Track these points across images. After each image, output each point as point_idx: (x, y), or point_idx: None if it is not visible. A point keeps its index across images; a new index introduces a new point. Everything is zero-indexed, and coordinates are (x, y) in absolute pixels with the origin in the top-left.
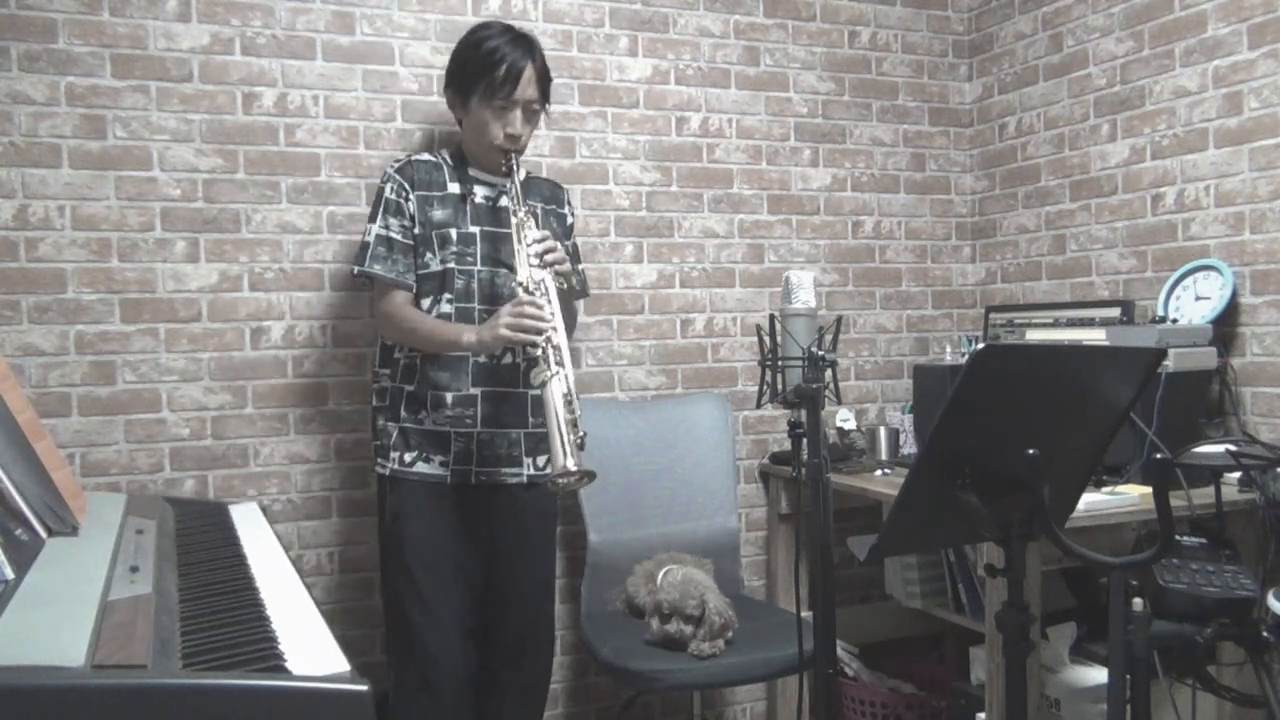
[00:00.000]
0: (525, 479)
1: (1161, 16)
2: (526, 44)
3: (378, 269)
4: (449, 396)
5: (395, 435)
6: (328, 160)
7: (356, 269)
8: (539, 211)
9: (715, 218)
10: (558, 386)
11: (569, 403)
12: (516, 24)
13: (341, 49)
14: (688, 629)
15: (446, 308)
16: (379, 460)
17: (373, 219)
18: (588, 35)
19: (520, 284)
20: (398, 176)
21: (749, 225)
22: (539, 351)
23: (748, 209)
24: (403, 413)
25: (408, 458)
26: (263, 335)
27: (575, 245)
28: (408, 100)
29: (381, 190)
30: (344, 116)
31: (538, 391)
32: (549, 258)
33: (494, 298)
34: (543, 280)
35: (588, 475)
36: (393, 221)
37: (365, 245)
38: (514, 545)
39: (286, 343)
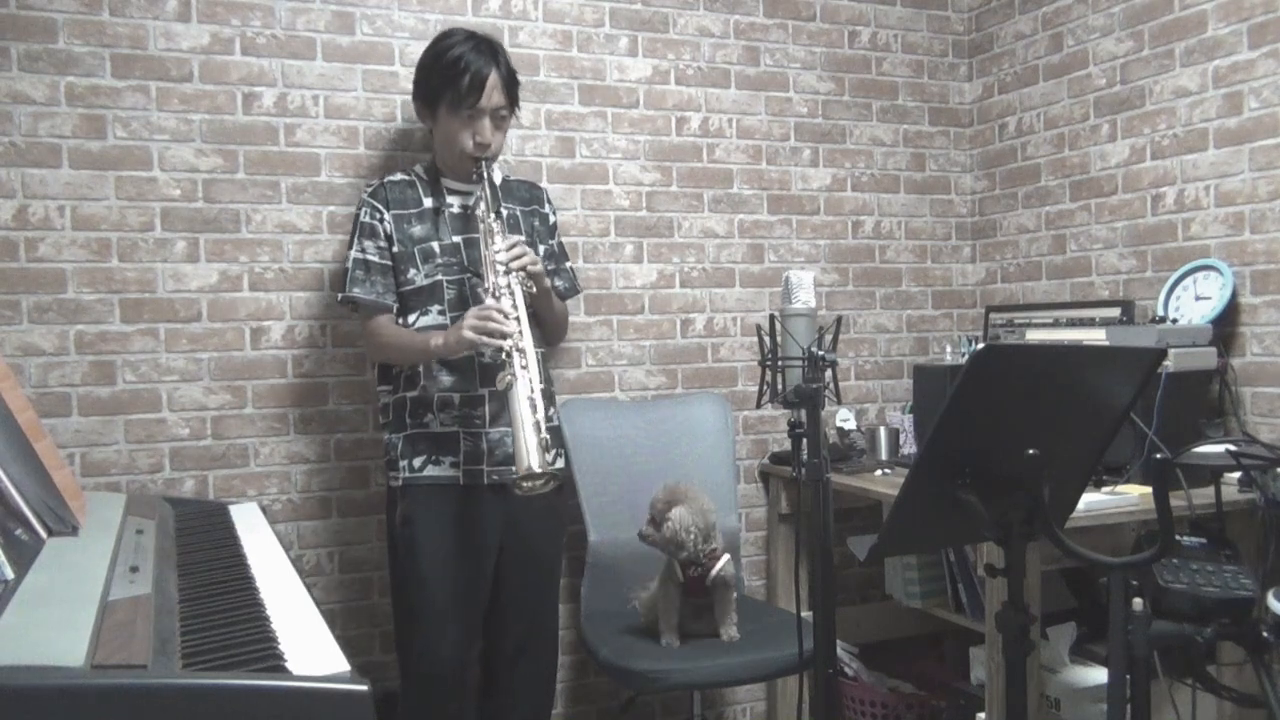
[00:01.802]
0: None
1: (1161, 16)
2: (490, 50)
3: (358, 292)
4: (456, 397)
5: (401, 445)
6: (328, 160)
7: (340, 295)
8: (519, 214)
9: (715, 218)
10: (522, 389)
11: (533, 405)
12: (515, 24)
13: (341, 49)
14: (648, 530)
15: (439, 319)
16: (390, 475)
17: (351, 244)
18: (588, 35)
19: (486, 290)
20: (371, 200)
21: (749, 225)
22: (503, 355)
23: (748, 209)
24: (407, 420)
25: (417, 463)
26: (263, 335)
27: (561, 244)
28: (408, 100)
29: (357, 216)
30: (344, 116)
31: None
32: (515, 264)
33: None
34: (508, 284)
35: (553, 477)
36: (368, 244)
37: (346, 271)
38: (522, 544)
39: (286, 343)
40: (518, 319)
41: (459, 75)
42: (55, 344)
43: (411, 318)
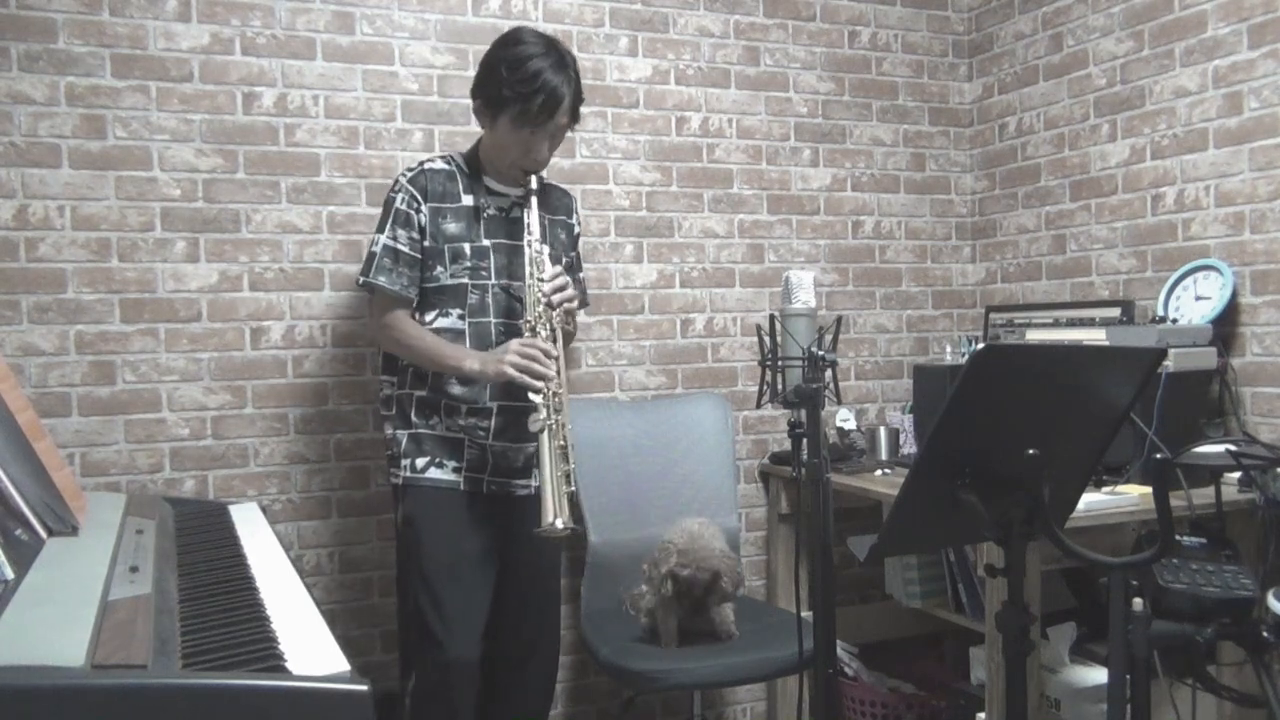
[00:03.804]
0: (534, 490)
1: (1161, 16)
2: (565, 68)
3: (381, 280)
4: (464, 407)
5: (405, 442)
6: (328, 160)
7: (361, 279)
8: (547, 222)
9: (715, 218)
10: (555, 437)
11: (564, 455)
12: (515, 24)
13: (341, 49)
14: (696, 594)
15: (458, 323)
16: (392, 471)
17: (381, 229)
18: (588, 35)
19: (528, 322)
20: (410, 187)
21: (749, 225)
22: (539, 398)
23: (748, 209)
24: (413, 418)
25: (419, 463)
26: (263, 335)
27: (579, 255)
28: (408, 100)
29: (391, 200)
30: (344, 116)
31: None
32: (558, 298)
33: (509, 311)
34: (548, 319)
35: (570, 531)
36: (401, 233)
37: (371, 255)
38: (523, 557)
39: (286, 343)
40: (557, 358)
41: (533, 94)
42: (55, 344)
43: (429, 316)
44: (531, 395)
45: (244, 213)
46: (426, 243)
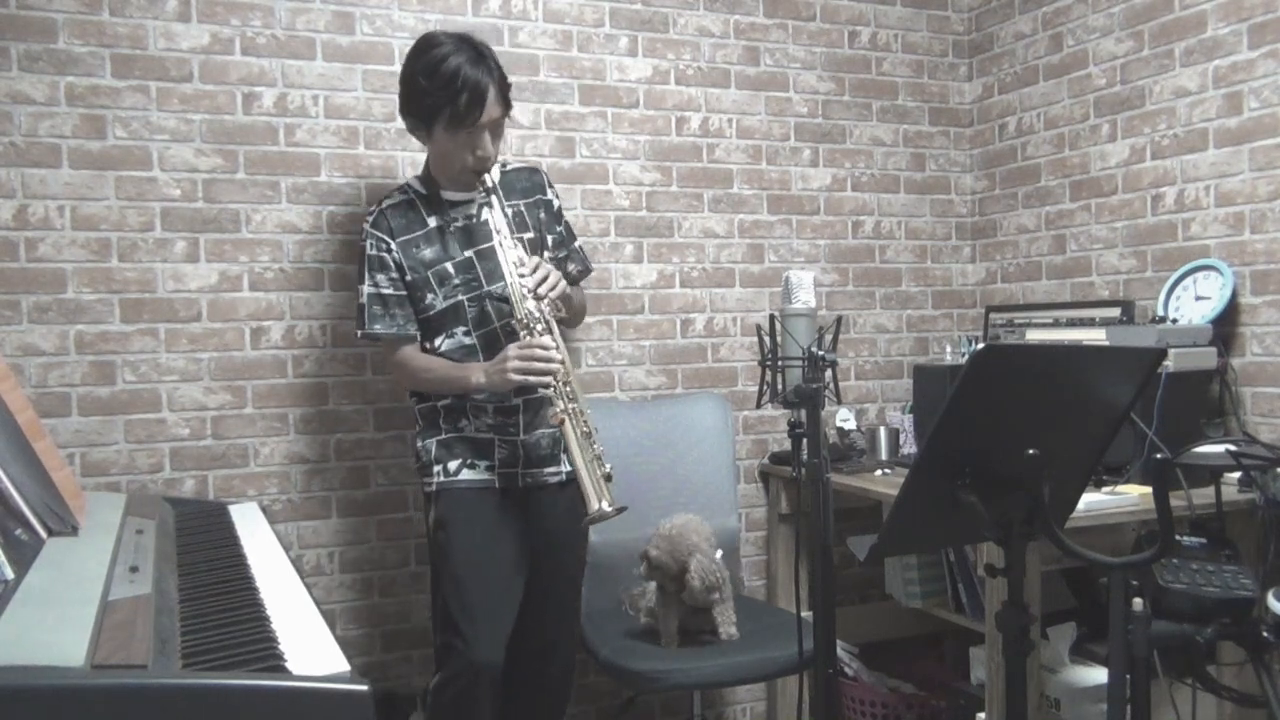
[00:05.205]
0: (564, 476)
1: (1161, 16)
2: (483, 60)
3: (379, 328)
4: (490, 406)
5: (436, 449)
6: (328, 160)
7: (359, 332)
8: (523, 208)
9: (715, 218)
10: (576, 425)
11: (589, 438)
12: (515, 24)
13: (341, 49)
14: (670, 587)
15: (465, 339)
16: (424, 481)
17: (361, 279)
18: (588, 35)
19: (520, 320)
20: (375, 231)
21: (749, 225)
22: (550, 391)
23: (748, 209)
24: (441, 424)
25: (452, 466)
26: (263, 335)
27: (567, 224)
28: None
29: (364, 248)
30: (344, 116)
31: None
32: (543, 289)
33: (510, 313)
34: (540, 311)
35: (620, 511)
36: (380, 278)
37: (361, 307)
38: (552, 544)
39: (286, 343)
40: (557, 346)
41: (457, 93)
42: (55, 344)
43: (437, 340)
44: (543, 390)
45: (244, 213)
46: (408, 277)
